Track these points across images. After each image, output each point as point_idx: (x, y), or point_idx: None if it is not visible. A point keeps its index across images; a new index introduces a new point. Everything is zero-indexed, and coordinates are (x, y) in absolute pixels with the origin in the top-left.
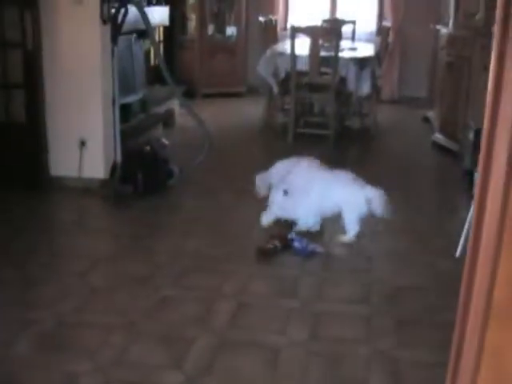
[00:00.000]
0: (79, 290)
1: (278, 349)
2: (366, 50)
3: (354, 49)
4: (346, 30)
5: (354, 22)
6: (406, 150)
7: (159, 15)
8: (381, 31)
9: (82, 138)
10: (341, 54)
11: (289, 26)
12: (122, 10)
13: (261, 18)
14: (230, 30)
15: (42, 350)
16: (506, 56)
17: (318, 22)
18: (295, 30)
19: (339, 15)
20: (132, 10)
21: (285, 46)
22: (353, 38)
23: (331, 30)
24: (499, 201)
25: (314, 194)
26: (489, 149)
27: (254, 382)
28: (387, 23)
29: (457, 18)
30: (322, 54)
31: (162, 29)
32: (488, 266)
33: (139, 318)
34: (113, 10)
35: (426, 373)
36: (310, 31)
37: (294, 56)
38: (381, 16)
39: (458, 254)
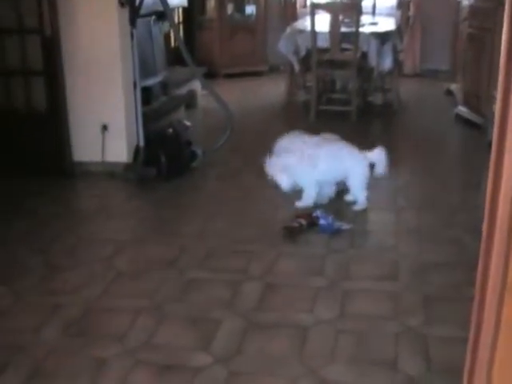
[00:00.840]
0: (105, 275)
1: (306, 328)
2: (387, 24)
3: (374, 23)
4: (366, 4)
5: None
6: (429, 123)
7: None
8: (401, 5)
9: (104, 122)
10: (361, 30)
11: (308, 2)
12: None
13: None
14: (250, 9)
15: (69, 335)
16: None
17: None
18: (315, 7)
19: None
20: None
21: (305, 23)
22: (373, 13)
23: (351, 6)
24: None
25: (321, 163)
26: (503, 117)
27: (283, 362)
28: None
29: None
30: (343, 29)
31: (180, 10)
32: (503, 242)
33: (166, 301)
34: None
35: (454, 348)
36: (329, 7)
37: (314, 33)
38: None
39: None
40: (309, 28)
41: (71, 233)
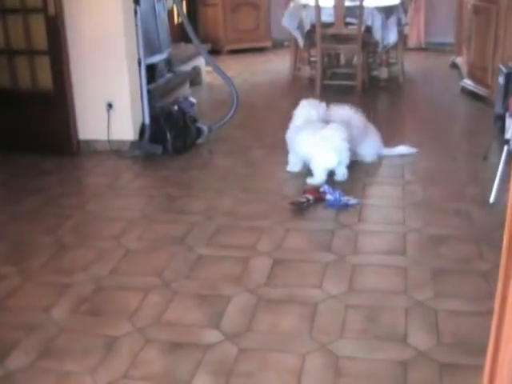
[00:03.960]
0: (114, 253)
1: (315, 303)
2: None
3: None
4: None
5: None
6: (435, 97)
7: None
8: None
9: (109, 100)
10: (366, 4)
11: None
12: None
13: None
14: None
15: (79, 313)
16: None
17: None
18: None
19: None
20: None
21: None
22: None
23: None
24: None
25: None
26: None
27: (293, 337)
28: None
29: None
30: (347, 4)
31: None
32: None
33: (175, 278)
34: None
35: (463, 322)
36: None
37: (318, 7)
38: None
39: (492, 200)
40: (313, 3)
41: (79, 211)
